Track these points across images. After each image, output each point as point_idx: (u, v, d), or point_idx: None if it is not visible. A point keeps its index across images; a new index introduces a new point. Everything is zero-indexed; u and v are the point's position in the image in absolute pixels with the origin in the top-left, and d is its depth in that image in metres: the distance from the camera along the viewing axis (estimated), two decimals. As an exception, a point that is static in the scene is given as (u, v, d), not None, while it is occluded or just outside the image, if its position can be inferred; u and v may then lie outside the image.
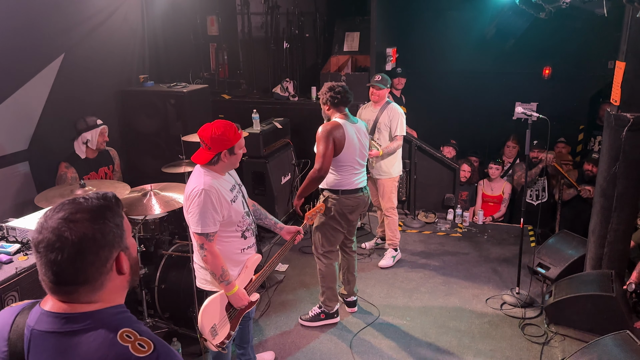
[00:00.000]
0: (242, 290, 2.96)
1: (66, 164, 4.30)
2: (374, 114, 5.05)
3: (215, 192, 2.76)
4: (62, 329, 1.21)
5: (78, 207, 1.23)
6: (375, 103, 5.07)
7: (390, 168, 5.06)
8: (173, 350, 1.27)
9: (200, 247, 2.80)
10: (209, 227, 2.76)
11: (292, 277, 4.95)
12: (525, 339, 3.95)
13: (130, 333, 1.22)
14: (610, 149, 3.84)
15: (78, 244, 1.19)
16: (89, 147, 4.41)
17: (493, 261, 5.26)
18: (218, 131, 2.76)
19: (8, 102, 4.28)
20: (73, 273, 1.20)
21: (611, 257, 4.02)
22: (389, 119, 4.96)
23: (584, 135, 7.11)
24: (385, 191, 5.12)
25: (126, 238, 1.30)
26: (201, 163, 2.83)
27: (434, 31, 7.21)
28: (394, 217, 5.16)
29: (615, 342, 3.09)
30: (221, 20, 7.00)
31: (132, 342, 1.20)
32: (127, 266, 1.29)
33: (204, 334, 2.85)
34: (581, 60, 6.71)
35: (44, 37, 4.60)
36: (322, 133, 3.83)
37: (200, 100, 5.75)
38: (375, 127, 5.02)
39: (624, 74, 3.69)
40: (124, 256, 1.28)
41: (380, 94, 4.97)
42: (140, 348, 1.20)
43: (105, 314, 1.24)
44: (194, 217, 2.75)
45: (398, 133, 4.96)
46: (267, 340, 3.98)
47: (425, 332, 4.06)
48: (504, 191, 6.30)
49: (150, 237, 4.07)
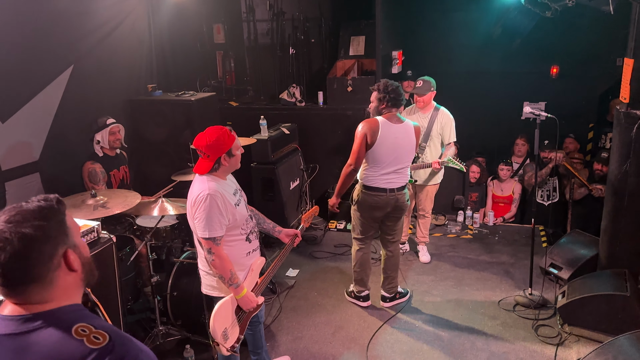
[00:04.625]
0: (250, 293, 3.00)
1: (91, 161, 4.44)
2: (424, 120, 4.97)
3: (220, 196, 2.80)
4: (17, 330, 1.23)
5: (18, 209, 1.27)
6: (422, 109, 5.01)
7: (438, 175, 5.11)
8: (131, 339, 1.29)
9: (208, 252, 2.82)
10: (216, 231, 2.79)
11: (303, 282, 4.95)
12: (539, 340, 3.91)
13: (85, 327, 1.24)
14: (621, 147, 3.81)
15: (19, 243, 1.22)
16: (103, 147, 4.50)
17: (505, 262, 5.22)
18: (212, 138, 2.81)
19: (19, 115, 4.33)
20: (19, 272, 1.23)
21: (624, 256, 3.98)
22: (441, 126, 4.92)
23: (594, 133, 7.05)
24: (429, 196, 5.20)
25: (73, 236, 1.33)
26: (204, 172, 2.87)
27: (440, 32, 7.20)
28: (430, 217, 5.37)
29: (630, 342, 3.06)
30: (227, 28, 7.04)
31: (87, 335, 1.23)
32: (78, 264, 1.32)
33: (216, 339, 2.87)
34: (589, 58, 6.66)
35: (52, 50, 4.65)
36: (359, 129, 3.96)
37: (208, 108, 5.78)
38: (428, 136, 4.96)
39: (632, 71, 3.66)
40: (73, 253, 1.31)
41: (424, 100, 4.91)
42: (95, 340, 1.22)
43: (59, 312, 1.27)
44: (200, 222, 2.78)
45: (452, 139, 4.96)
46: (280, 345, 3.99)
47: (438, 335, 4.04)
48: (514, 191, 6.26)
49: (162, 245, 4.10)
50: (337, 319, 4.32)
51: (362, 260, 4.38)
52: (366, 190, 4.08)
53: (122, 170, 4.70)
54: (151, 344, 3.88)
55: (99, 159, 4.51)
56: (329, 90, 6.27)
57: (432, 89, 4.91)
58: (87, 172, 4.41)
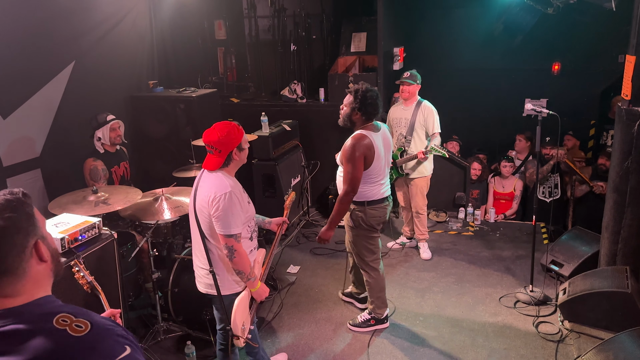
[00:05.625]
0: (263, 284, 3.06)
1: (93, 158, 4.44)
2: (406, 113, 5.01)
3: (238, 192, 2.84)
4: None
5: None
6: (405, 101, 5.03)
7: (425, 167, 5.08)
8: (113, 327, 1.29)
9: (230, 249, 2.82)
10: (238, 228, 2.82)
11: (304, 279, 4.95)
12: (540, 337, 3.92)
13: (66, 317, 1.24)
14: (623, 144, 3.80)
15: None
16: (104, 143, 4.51)
17: (506, 259, 5.23)
18: (223, 132, 2.82)
19: (20, 110, 4.34)
20: None
21: (625, 252, 3.97)
22: (424, 118, 4.94)
23: (595, 130, 7.04)
24: (419, 190, 5.15)
25: (41, 228, 1.34)
26: (216, 168, 2.87)
27: (441, 29, 7.19)
28: (425, 214, 5.27)
29: (631, 338, 3.06)
30: (228, 24, 7.04)
31: (69, 324, 1.23)
32: (48, 254, 1.33)
33: (237, 332, 2.92)
34: (591, 55, 6.65)
35: (54, 46, 4.65)
36: (351, 149, 3.55)
37: (209, 104, 5.79)
38: (412, 128, 4.97)
39: (634, 68, 3.65)
40: (43, 244, 1.32)
41: (410, 90, 4.94)
42: (77, 328, 1.22)
43: (35, 305, 1.27)
44: (222, 220, 2.78)
45: (436, 130, 4.95)
46: (280, 341, 3.99)
47: (439, 332, 4.04)
48: (515, 188, 6.26)
49: (163, 241, 4.10)
50: (338, 315, 4.33)
51: (381, 281, 4.04)
52: (370, 206, 3.78)
53: (122, 167, 4.70)
54: (152, 340, 3.90)
55: (100, 155, 4.51)
56: (330, 86, 6.26)
57: (418, 82, 4.96)
58: (88, 170, 4.42)
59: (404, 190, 5.29)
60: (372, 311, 4.11)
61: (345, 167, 3.61)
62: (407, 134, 4.99)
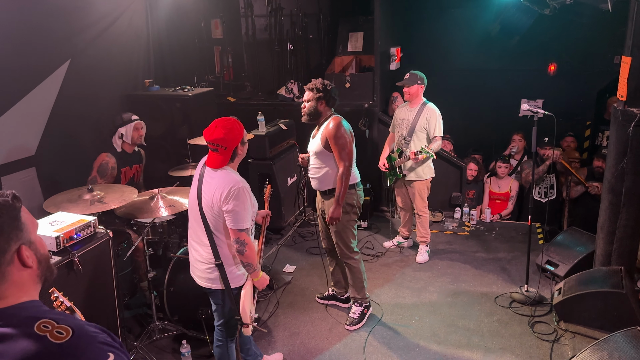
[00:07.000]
0: (264, 273, 3.13)
1: (108, 154, 4.43)
2: (409, 114, 4.99)
3: (247, 187, 2.90)
4: None
5: None
6: (410, 102, 5.01)
7: (424, 171, 5.06)
8: (96, 334, 1.27)
9: (241, 244, 2.87)
10: (249, 222, 2.89)
11: (300, 279, 4.95)
12: (535, 336, 3.93)
13: (48, 323, 1.22)
14: (618, 145, 3.81)
15: None
16: (125, 142, 4.50)
17: (501, 259, 5.24)
18: (227, 128, 2.85)
19: (15, 109, 4.32)
20: None
21: (620, 253, 3.98)
22: (426, 121, 4.91)
23: (591, 131, 7.07)
24: (417, 193, 5.14)
25: (29, 232, 1.31)
26: (221, 166, 2.89)
27: (438, 29, 7.20)
28: (426, 215, 5.23)
29: (626, 338, 3.07)
30: (225, 23, 7.02)
31: (50, 330, 1.21)
32: (34, 260, 1.30)
33: (246, 321, 3.00)
34: (587, 56, 6.67)
35: (50, 44, 4.63)
36: (337, 128, 3.73)
37: (205, 103, 5.78)
38: (413, 130, 4.95)
39: (630, 69, 3.67)
40: (28, 250, 1.29)
41: (410, 92, 4.91)
42: (58, 335, 1.20)
43: (18, 309, 1.25)
44: (235, 215, 2.82)
45: (437, 134, 4.91)
46: (276, 341, 3.99)
47: (435, 332, 4.05)
48: (511, 188, 6.28)
49: (159, 240, 4.09)
50: (333, 314, 4.33)
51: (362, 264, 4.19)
52: (358, 187, 4.00)
53: (134, 169, 4.67)
54: (147, 340, 3.89)
55: (115, 153, 4.49)
56: (327, 86, 6.25)
57: (420, 82, 4.91)
58: (99, 163, 4.38)
59: (403, 192, 5.29)
60: (360, 301, 4.19)
61: (336, 147, 3.75)
62: (407, 135, 4.98)
